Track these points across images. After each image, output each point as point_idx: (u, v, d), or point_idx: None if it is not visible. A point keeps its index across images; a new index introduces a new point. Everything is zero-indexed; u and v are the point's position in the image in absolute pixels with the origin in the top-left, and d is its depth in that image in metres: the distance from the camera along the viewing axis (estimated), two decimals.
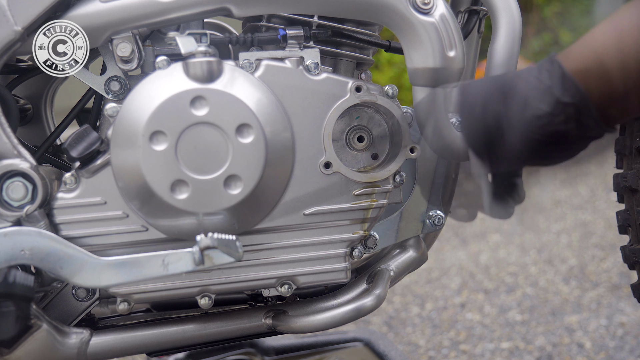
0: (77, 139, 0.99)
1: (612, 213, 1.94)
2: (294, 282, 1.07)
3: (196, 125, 0.97)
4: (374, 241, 1.13)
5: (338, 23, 1.09)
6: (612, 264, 2.62)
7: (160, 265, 0.98)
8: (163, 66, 0.99)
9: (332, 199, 1.05)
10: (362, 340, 1.72)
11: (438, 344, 2.11)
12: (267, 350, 1.67)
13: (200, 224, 0.99)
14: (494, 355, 2.01)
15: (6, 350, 1.02)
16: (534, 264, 2.70)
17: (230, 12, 1.03)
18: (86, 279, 0.99)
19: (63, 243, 0.98)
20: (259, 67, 1.02)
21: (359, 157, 1.09)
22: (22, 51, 1.02)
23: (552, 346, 2.03)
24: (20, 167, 0.99)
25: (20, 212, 0.99)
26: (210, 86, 0.98)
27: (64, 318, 1.07)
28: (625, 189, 1.28)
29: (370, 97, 1.05)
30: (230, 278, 1.05)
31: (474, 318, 2.27)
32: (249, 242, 1.04)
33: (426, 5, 1.03)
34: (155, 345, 1.11)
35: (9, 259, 0.97)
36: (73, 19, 1.01)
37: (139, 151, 0.97)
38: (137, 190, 0.99)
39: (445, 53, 1.04)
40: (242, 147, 0.98)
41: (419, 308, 2.39)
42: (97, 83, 1.05)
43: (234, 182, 0.98)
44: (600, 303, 2.29)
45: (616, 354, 1.95)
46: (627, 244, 1.30)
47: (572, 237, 2.98)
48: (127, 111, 0.98)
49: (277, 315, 1.11)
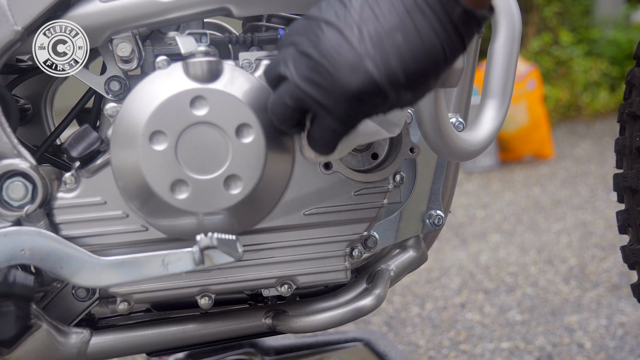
0: (77, 139, 0.99)
1: (612, 213, 1.93)
2: (294, 282, 1.07)
3: (196, 125, 0.97)
4: (374, 241, 1.13)
5: None
6: (612, 264, 2.62)
7: (160, 265, 0.98)
8: (163, 66, 0.99)
9: (332, 198, 1.05)
10: (362, 340, 1.72)
11: (438, 344, 2.11)
12: (267, 350, 1.67)
13: (200, 224, 0.99)
14: (494, 355, 2.01)
15: (6, 350, 1.02)
16: (534, 264, 2.70)
17: (230, 12, 1.03)
18: (86, 278, 0.99)
19: (63, 243, 0.98)
20: (259, 67, 1.02)
21: (359, 157, 1.09)
22: (22, 51, 1.02)
23: (552, 346, 2.03)
24: (20, 167, 0.99)
25: (20, 212, 0.99)
26: (210, 86, 0.98)
27: (64, 318, 1.07)
28: (625, 189, 1.28)
29: None
30: (230, 278, 1.05)
31: (474, 318, 2.27)
32: (249, 242, 1.04)
33: None
34: (155, 345, 1.12)
35: (9, 259, 0.97)
36: (73, 19, 1.01)
37: (139, 151, 0.97)
38: (137, 190, 0.99)
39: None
40: (242, 147, 0.98)
41: (419, 308, 2.39)
42: (97, 83, 1.05)
43: (234, 182, 0.98)
44: (600, 303, 2.29)
45: (616, 354, 1.95)
46: (627, 244, 1.30)
47: (572, 237, 2.98)
48: (127, 111, 0.98)
49: (277, 315, 1.11)
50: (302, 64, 0.87)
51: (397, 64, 0.84)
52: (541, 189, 3.83)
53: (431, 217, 1.18)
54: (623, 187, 1.28)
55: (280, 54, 0.91)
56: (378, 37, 0.84)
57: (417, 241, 1.19)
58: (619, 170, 1.31)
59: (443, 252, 2.92)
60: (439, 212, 1.18)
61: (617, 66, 5.71)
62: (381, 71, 0.85)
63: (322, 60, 0.86)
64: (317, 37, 0.87)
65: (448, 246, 3.00)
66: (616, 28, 6.05)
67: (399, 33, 0.84)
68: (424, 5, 0.84)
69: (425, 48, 0.84)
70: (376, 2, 0.85)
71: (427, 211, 1.18)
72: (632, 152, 1.26)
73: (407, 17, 0.84)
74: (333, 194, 1.04)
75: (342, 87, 0.86)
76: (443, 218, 1.18)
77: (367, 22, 0.85)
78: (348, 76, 0.85)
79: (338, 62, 0.85)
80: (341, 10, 0.86)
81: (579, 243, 2.89)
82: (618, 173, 1.30)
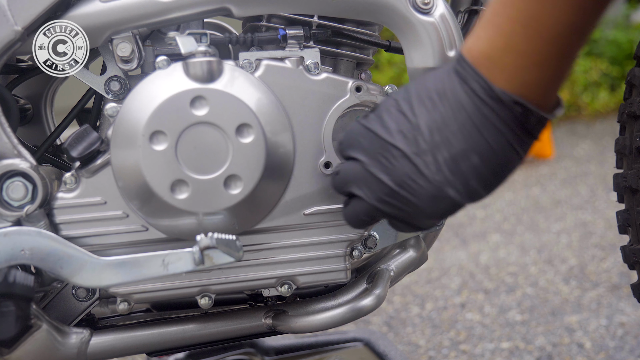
0: (77, 139, 0.99)
1: (612, 213, 1.93)
2: (294, 282, 1.07)
3: (196, 125, 0.97)
4: (374, 241, 1.13)
5: (338, 23, 1.09)
6: (612, 264, 2.62)
7: (160, 265, 0.98)
8: (163, 66, 0.99)
9: (332, 199, 1.05)
10: (362, 340, 1.71)
11: (438, 344, 2.11)
12: (267, 350, 1.67)
13: (200, 224, 0.99)
14: (494, 355, 2.01)
15: (6, 350, 1.02)
16: (534, 264, 2.70)
17: (230, 12, 1.03)
18: (86, 278, 0.99)
19: (63, 243, 0.99)
20: (259, 67, 1.02)
21: None
22: (22, 51, 1.02)
23: (552, 346, 2.03)
24: (20, 167, 0.99)
25: (20, 212, 0.99)
26: (210, 86, 0.98)
27: (64, 318, 1.07)
28: (625, 189, 1.28)
29: (370, 97, 1.05)
30: (230, 278, 1.05)
31: (474, 318, 2.27)
32: (249, 242, 1.04)
33: (426, 5, 1.03)
34: (155, 345, 1.12)
35: (9, 259, 0.97)
36: (73, 19, 1.01)
37: (139, 151, 0.97)
38: (137, 190, 0.99)
39: (445, 53, 1.04)
40: (242, 147, 0.98)
41: (419, 308, 2.39)
42: (97, 83, 1.05)
43: (234, 182, 0.98)
44: (600, 303, 2.29)
45: (616, 354, 1.95)
46: (627, 244, 1.30)
47: (572, 237, 2.98)
48: (127, 111, 0.98)
49: (277, 315, 1.11)
50: (378, 189, 0.88)
51: (478, 184, 0.84)
52: (541, 189, 3.83)
53: None
54: (623, 187, 1.28)
55: (349, 168, 0.92)
56: (454, 162, 0.84)
57: (417, 241, 1.19)
58: (619, 170, 1.31)
59: (443, 252, 2.92)
60: None
61: (617, 66, 5.71)
62: (463, 195, 0.85)
63: (401, 191, 0.87)
64: (389, 163, 0.87)
65: (448, 246, 3.00)
66: (616, 28, 6.04)
67: (474, 154, 0.83)
68: (497, 121, 0.82)
69: (503, 162, 0.84)
70: (443, 122, 0.84)
71: None
72: (632, 152, 1.26)
73: (480, 136, 0.82)
74: (333, 194, 1.04)
75: (426, 214, 0.88)
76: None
77: (439, 147, 0.84)
78: (431, 206, 0.86)
79: (418, 193, 0.86)
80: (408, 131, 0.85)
81: (579, 243, 2.89)
82: (618, 173, 1.30)
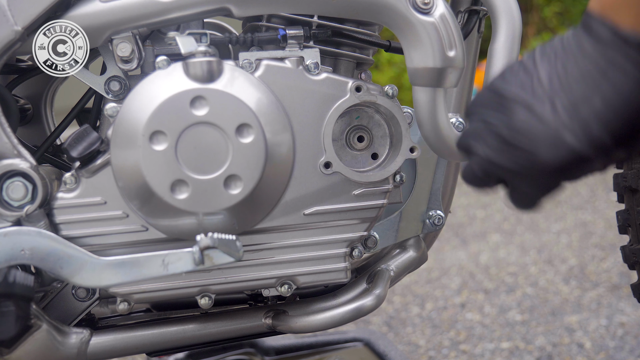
0: (77, 139, 0.99)
1: (612, 213, 1.93)
2: (294, 282, 1.07)
3: (196, 125, 0.97)
4: (374, 241, 1.13)
5: (338, 23, 1.09)
6: (612, 264, 2.62)
7: (160, 265, 0.98)
8: (163, 66, 0.99)
9: (332, 199, 1.05)
10: (362, 340, 1.72)
11: (438, 344, 2.11)
12: (267, 350, 1.67)
13: (200, 224, 0.99)
14: (494, 355, 2.01)
15: (6, 350, 1.02)
16: (534, 264, 2.70)
17: (230, 12, 1.03)
18: (86, 278, 0.99)
19: (63, 243, 0.99)
20: (259, 67, 1.02)
21: (359, 157, 1.09)
22: (22, 51, 1.02)
23: (552, 346, 2.03)
24: (20, 167, 0.99)
25: (20, 212, 0.99)
26: (210, 86, 0.98)
27: (64, 318, 1.07)
28: (625, 189, 1.28)
29: (370, 97, 1.05)
30: (230, 278, 1.05)
31: (474, 318, 2.27)
32: (249, 242, 1.04)
33: (426, 5, 1.03)
34: (155, 345, 1.12)
35: (9, 259, 0.97)
36: (73, 19, 1.01)
37: (139, 151, 0.97)
38: (137, 190, 0.99)
39: (445, 53, 1.04)
40: (242, 147, 0.98)
41: (419, 308, 2.39)
42: (97, 83, 1.05)
43: (234, 182, 0.98)
44: (600, 303, 2.29)
45: (616, 354, 1.95)
46: (627, 244, 1.30)
47: (572, 237, 2.98)
48: (127, 111, 0.98)
49: (277, 315, 1.11)
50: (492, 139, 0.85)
51: (600, 129, 0.80)
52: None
53: (431, 217, 1.18)
54: (623, 187, 1.28)
55: (470, 127, 0.89)
56: (573, 107, 0.81)
57: (417, 241, 1.19)
58: (619, 170, 1.31)
59: (443, 252, 2.92)
60: (439, 212, 1.18)
61: None
62: (582, 141, 0.81)
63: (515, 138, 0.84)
64: (508, 116, 0.84)
65: (448, 246, 3.00)
66: None
67: (597, 99, 0.80)
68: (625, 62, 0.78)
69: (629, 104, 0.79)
70: (564, 70, 0.81)
71: (427, 211, 1.18)
72: None
73: (604, 79, 0.79)
74: (333, 194, 1.04)
75: (542, 163, 0.83)
76: (443, 218, 1.18)
77: (558, 93, 0.81)
78: (547, 152, 0.83)
79: (534, 139, 0.83)
80: (527, 82, 0.84)
81: (579, 243, 2.89)
82: (618, 173, 1.30)
